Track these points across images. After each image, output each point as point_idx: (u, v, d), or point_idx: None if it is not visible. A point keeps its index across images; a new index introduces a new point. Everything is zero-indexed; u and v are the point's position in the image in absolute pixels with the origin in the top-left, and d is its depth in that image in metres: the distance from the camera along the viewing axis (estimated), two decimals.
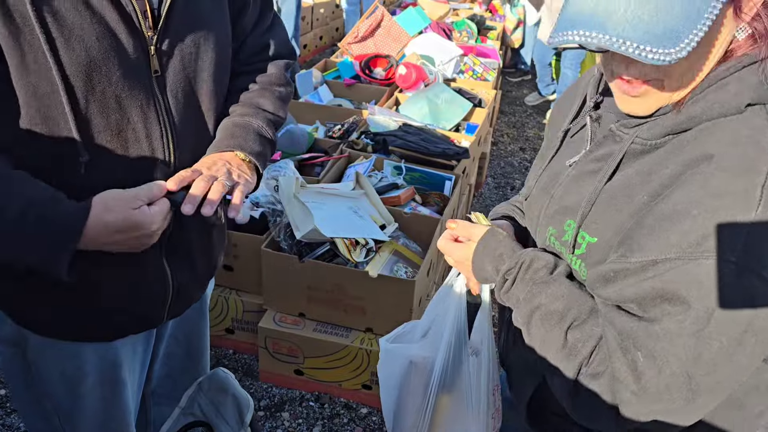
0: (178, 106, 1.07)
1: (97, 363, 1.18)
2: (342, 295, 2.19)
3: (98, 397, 1.20)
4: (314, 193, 2.32)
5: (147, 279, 1.14)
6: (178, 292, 1.20)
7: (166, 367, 1.40)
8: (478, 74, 4.20)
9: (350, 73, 3.99)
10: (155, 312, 1.20)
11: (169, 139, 1.06)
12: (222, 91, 1.17)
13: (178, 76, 1.06)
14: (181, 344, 1.39)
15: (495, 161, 4.46)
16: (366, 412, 2.26)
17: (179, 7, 1.03)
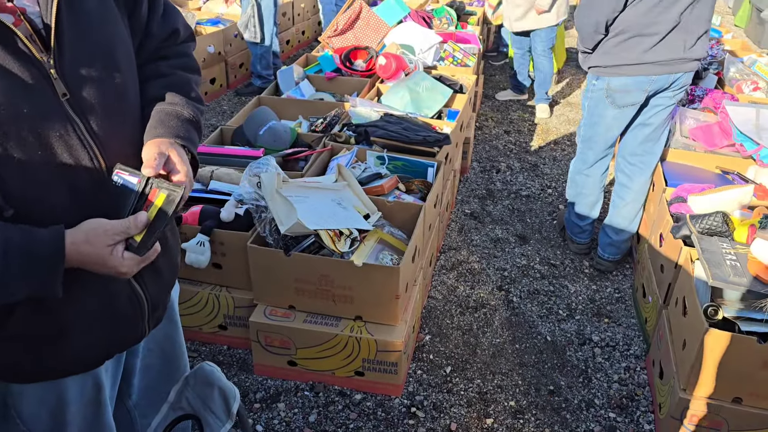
0: (99, 122, 1.04)
1: (78, 391, 1.19)
2: (329, 286, 2.23)
3: (82, 421, 1.22)
4: (297, 187, 2.37)
5: (120, 301, 1.15)
6: (152, 303, 1.22)
7: (145, 379, 1.42)
8: (459, 60, 4.22)
9: (331, 67, 4.01)
10: (137, 329, 1.21)
11: (98, 158, 1.04)
12: (137, 88, 1.15)
13: (90, 91, 1.02)
14: (156, 354, 1.41)
15: (480, 146, 4.50)
16: (360, 398, 2.31)
17: (67, 22, 0.98)
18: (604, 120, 2.86)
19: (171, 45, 1.24)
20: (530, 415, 2.29)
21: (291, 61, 6.03)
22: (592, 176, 3.05)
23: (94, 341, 1.14)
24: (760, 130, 2.99)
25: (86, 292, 1.09)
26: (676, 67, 2.67)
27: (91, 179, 1.04)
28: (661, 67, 2.67)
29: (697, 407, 2.03)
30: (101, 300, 1.12)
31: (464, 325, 2.72)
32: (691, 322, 2.06)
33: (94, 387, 1.22)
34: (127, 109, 1.12)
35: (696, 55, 2.67)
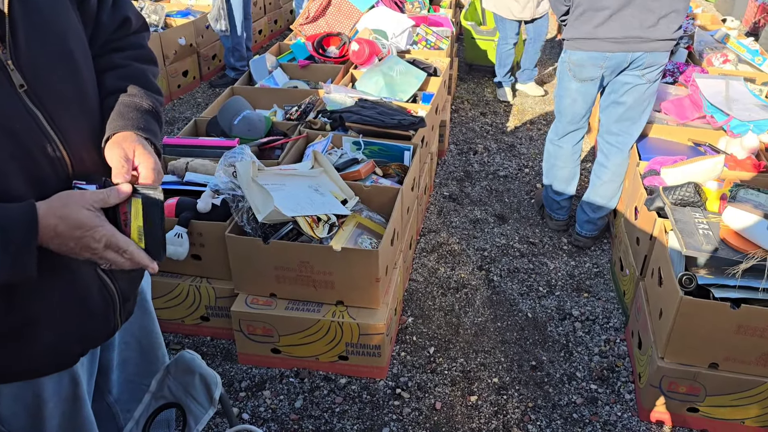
0: (58, 112, 1.02)
1: (55, 387, 1.18)
2: (310, 272, 2.23)
3: (60, 417, 1.21)
4: (273, 175, 2.36)
5: (91, 295, 1.14)
6: (123, 296, 1.21)
7: (123, 372, 1.41)
8: (432, 44, 4.22)
9: (304, 54, 3.99)
10: (107, 324, 1.20)
11: (60, 149, 1.02)
12: (93, 78, 1.14)
13: (47, 82, 1.00)
14: (133, 347, 1.41)
15: (456, 128, 4.51)
16: (345, 381, 2.32)
17: (19, 12, 0.97)
18: (569, 93, 2.91)
19: (124, 35, 1.22)
20: (513, 390, 2.32)
21: (264, 50, 5.98)
22: (563, 147, 3.09)
23: (66, 339, 1.13)
24: (729, 102, 3.03)
25: (56, 287, 1.08)
26: (632, 45, 2.66)
27: (54, 171, 1.02)
28: (615, 44, 2.67)
29: (674, 374, 2.07)
30: (72, 295, 1.10)
31: (446, 306, 2.75)
32: (666, 291, 2.09)
33: (71, 382, 1.21)
34: (86, 99, 1.10)
35: (659, 35, 2.64)
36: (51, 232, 0.95)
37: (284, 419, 2.19)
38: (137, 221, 1.03)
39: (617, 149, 2.93)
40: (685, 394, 2.10)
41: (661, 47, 2.67)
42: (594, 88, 2.85)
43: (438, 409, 2.23)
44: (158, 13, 5.09)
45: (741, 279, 1.95)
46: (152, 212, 1.03)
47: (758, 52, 4.00)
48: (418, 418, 2.20)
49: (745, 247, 2.01)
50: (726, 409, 2.10)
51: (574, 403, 2.27)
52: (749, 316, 1.92)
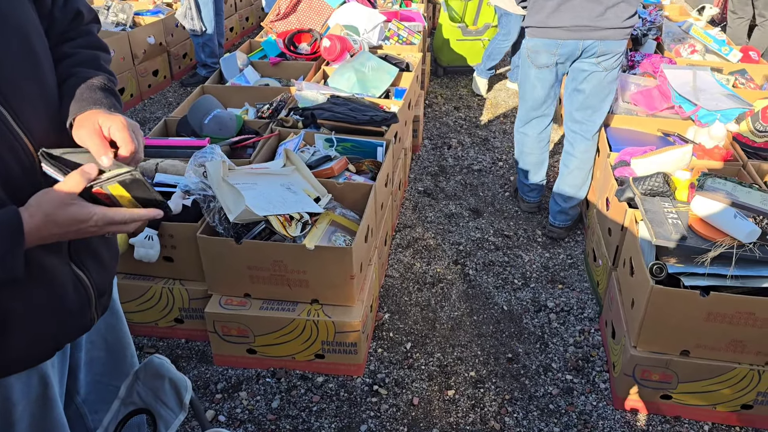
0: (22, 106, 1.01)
1: (23, 389, 1.16)
2: (283, 271, 2.22)
3: (30, 419, 1.19)
4: (244, 174, 2.33)
5: (63, 291, 1.12)
6: (98, 289, 1.20)
7: (91, 373, 1.40)
8: (404, 39, 4.21)
9: (275, 52, 3.96)
10: (83, 318, 1.19)
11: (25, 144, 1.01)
12: (53, 72, 1.13)
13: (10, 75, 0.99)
14: (99, 347, 1.39)
15: (430, 123, 4.51)
16: (322, 380, 2.31)
17: None
18: (529, 79, 3.00)
19: (75, 28, 1.21)
20: (490, 383, 2.33)
21: (235, 48, 5.93)
22: (528, 135, 3.16)
23: (42, 333, 1.12)
24: (697, 92, 3.08)
25: (32, 283, 1.06)
26: (583, 33, 2.73)
27: (20, 167, 1.01)
28: (566, 32, 2.75)
29: (647, 363, 2.10)
30: (48, 290, 1.10)
31: (422, 301, 2.75)
32: (638, 281, 2.12)
33: (40, 383, 1.19)
34: (48, 94, 1.09)
35: (608, 24, 2.70)
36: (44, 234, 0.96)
37: (261, 420, 2.17)
38: (125, 198, 1.01)
39: (581, 137, 3.00)
40: (658, 381, 2.13)
41: (612, 35, 2.73)
42: (551, 74, 2.92)
43: (415, 405, 2.24)
44: (126, 12, 5.01)
45: (710, 267, 1.98)
46: (135, 188, 1.01)
47: (725, 42, 4.06)
48: (396, 414, 2.20)
49: (713, 236, 2.03)
50: (698, 396, 2.13)
51: (550, 394, 2.29)
52: (718, 303, 1.95)
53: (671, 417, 2.19)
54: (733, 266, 1.96)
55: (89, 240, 1.18)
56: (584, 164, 3.03)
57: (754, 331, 1.98)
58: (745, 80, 3.72)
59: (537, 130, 3.14)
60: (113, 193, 1.00)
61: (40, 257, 1.06)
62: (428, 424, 2.17)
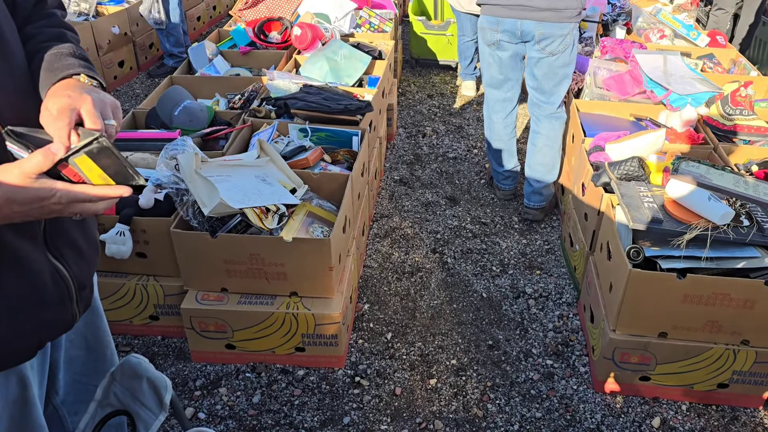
0: None
1: (2, 392, 1.12)
2: (261, 264, 2.18)
3: (9, 422, 1.15)
4: (217, 166, 2.28)
5: (41, 283, 1.08)
6: (78, 282, 1.17)
7: (69, 372, 1.35)
8: (375, 26, 4.17)
9: (245, 41, 3.88)
10: (66, 313, 1.15)
11: None
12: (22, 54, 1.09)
13: None
14: (78, 345, 1.35)
15: (404, 111, 4.49)
16: (303, 373, 2.29)
17: None
18: (484, 57, 3.09)
19: (38, 12, 1.18)
20: (472, 371, 2.34)
21: (203, 38, 5.81)
22: (494, 121, 3.21)
23: (21, 330, 1.07)
24: (668, 76, 3.10)
25: (8, 274, 1.02)
26: (519, 12, 2.79)
27: None
28: (504, 10, 2.83)
29: (626, 346, 2.12)
30: (23, 284, 1.05)
31: (402, 291, 2.74)
32: (615, 265, 2.13)
33: (19, 384, 1.15)
34: (17, 75, 1.05)
35: (543, 5, 2.74)
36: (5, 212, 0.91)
37: (242, 416, 2.14)
38: (95, 172, 0.95)
39: (545, 116, 3.06)
40: (637, 364, 2.15)
41: (549, 17, 2.77)
42: (503, 53, 2.98)
43: (398, 395, 2.23)
44: (88, 1, 4.86)
45: (685, 249, 2.00)
46: (104, 158, 0.95)
47: (692, 27, 4.11)
48: (379, 405, 2.19)
49: (688, 218, 2.05)
50: (676, 376, 2.16)
51: (532, 380, 2.30)
52: (694, 285, 1.97)
53: (650, 398, 2.22)
54: (708, 248, 1.98)
55: (66, 229, 1.14)
56: (551, 142, 3.07)
57: (729, 311, 2.01)
58: (713, 64, 3.77)
59: (502, 116, 3.18)
60: (82, 168, 0.94)
61: (11, 242, 1.01)
62: (411, 414, 2.16)
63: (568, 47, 2.83)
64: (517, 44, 2.91)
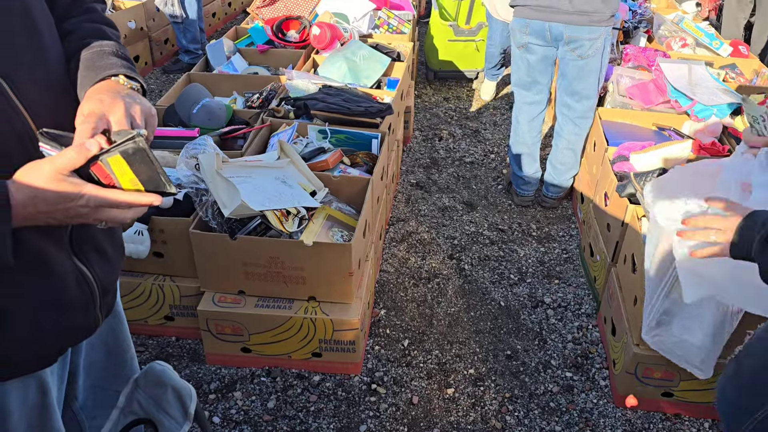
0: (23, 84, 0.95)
1: (20, 397, 1.10)
2: (280, 268, 2.15)
3: (26, 429, 1.12)
4: (238, 167, 2.25)
5: (65, 286, 1.06)
6: (102, 287, 1.14)
7: (90, 377, 1.33)
8: (394, 27, 4.13)
9: (263, 39, 3.85)
10: (88, 318, 1.13)
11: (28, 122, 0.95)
12: (59, 49, 1.07)
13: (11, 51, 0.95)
14: (99, 350, 1.32)
15: (420, 114, 4.45)
16: (319, 379, 2.26)
17: None
18: (515, 59, 3.09)
19: (77, 7, 1.15)
20: (490, 381, 2.30)
21: (219, 35, 5.79)
22: (520, 122, 3.21)
23: (44, 334, 1.05)
24: (693, 86, 3.06)
25: (32, 276, 1.00)
26: (547, 15, 2.78)
27: (18, 142, 0.94)
28: (533, 12, 2.82)
29: (650, 361, 2.07)
30: (47, 286, 1.03)
31: (418, 297, 2.70)
32: (640, 278, 2.09)
33: (38, 391, 1.12)
34: (51, 69, 1.03)
35: (570, 8, 2.72)
36: (30, 212, 0.87)
37: (257, 421, 2.11)
38: (126, 176, 0.91)
39: (569, 120, 3.08)
40: (660, 379, 2.11)
41: (576, 20, 2.75)
42: (531, 56, 2.97)
43: (415, 404, 2.19)
44: None
45: None
46: (138, 161, 0.91)
47: (714, 35, 4.06)
48: (396, 414, 2.15)
49: None
50: (700, 393, 2.12)
51: (551, 392, 2.26)
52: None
53: (672, 415, 2.18)
54: None
55: (93, 231, 1.11)
56: (572, 145, 3.14)
57: None
58: (735, 75, 3.72)
59: (527, 118, 3.18)
60: (114, 169, 0.91)
61: (34, 243, 0.98)
62: (429, 424, 2.13)
63: (598, 52, 2.82)
64: (546, 47, 2.91)
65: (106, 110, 0.95)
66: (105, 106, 0.95)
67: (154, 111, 1.02)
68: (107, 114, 0.94)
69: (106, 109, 0.95)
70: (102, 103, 0.96)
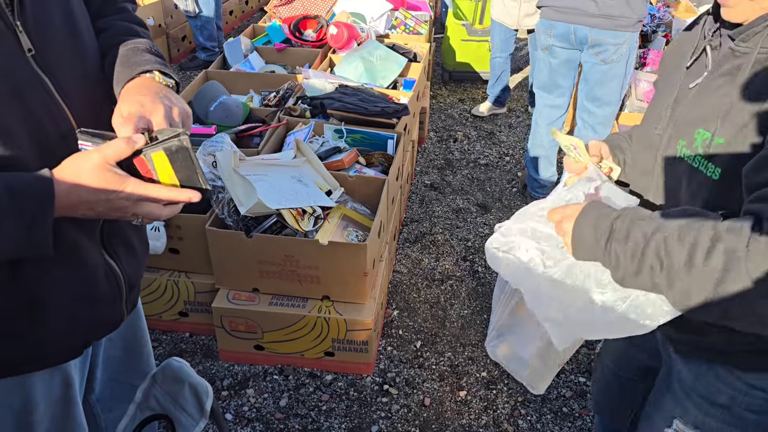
0: (64, 79, 0.98)
1: (45, 389, 1.11)
2: (294, 266, 2.15)
3: (50, 421, 1.14)
4: (254, 165, 2.26)
5: (95, 279, 1.07)
6: (129, 282, 1.16)
7: (107, 370, 1.34)
8: (411, 28, 4.13)
9: (280, 38, 3.86)
10: (114, 312, 1.14)
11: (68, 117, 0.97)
12: (95, 46, 1.10)
13: (53, 47, 0.97)
14: (117, 344, 1.33)
15: (435, 115, 4.45)
16: (331, 378, 2.26)
17: None
18: (536, 60, 3.12)
19: (110, 6, 1.18)
20: (502, 385, 2.29)
21: (236, 32, 5.82)
22: (539, 124, 3.20)
23: (73, 326, 1.06)
24: None
25: (67, 269, 1.01)
26: (572, 17, 2.76)
27: (59, 136, 0.96)
28: (557, 13, 2.81)
29: None
30: (79, 279, 1.04)
31: (431, 298, 2.70)
32: None
33: (62, 383, 1.14)
34: (89, 66, 1.06)
35: (596, 11, 2.70)
36: (73, 200, 0.88)
37: (269, 418, 2.11)
38: (166, 172, 0.93)
39: (589, 126, 3.05)
40: None
41: (602, 24, 2.73)
42: (554, 59, 2.96)
43: (427, 406, 2.19)
44: None
45: None
46: (179, 159, 0.92)
47: None
48: (407, 415, 2.15)
49: None
50: None
51: (564, 397, 2.25)
52: None
53: None
54: None
55: (122, 227, 1.13)
56: None
57: None
58: None
59: (547, 121, 3.17)
60: (156, 164, 0.92)
61: (69, 234, 1.00)
62: (440, 426, 2.12)
63: (623, 57, 2.80)
64: (570, 50, 2.90)
65: (146, 112, 0.96)
66: (146, 109, 0.97)
67: (191, 112, 1.03)
68: (147, 116, 0.96)
69: (146, 111, 0.96)
70: (143, 107, 0.97)
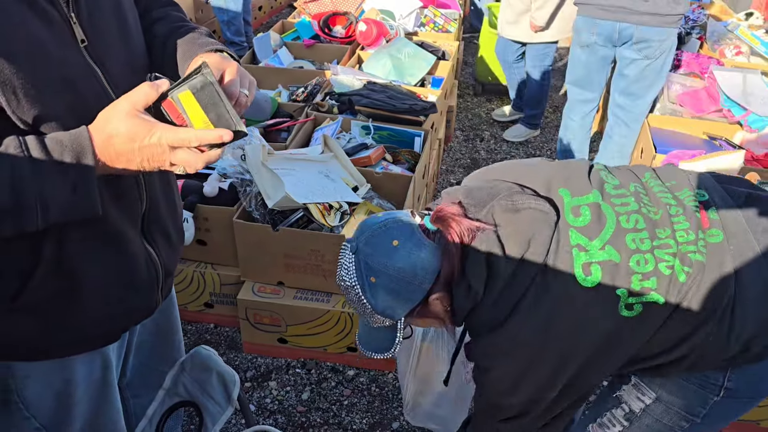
0: (114, 71, 1.00)
1: (86, 371, 1.15)
2: (320, 261, 2.16)
3: (88, 403, 1.17)
4: (282, 159, 2.28)
5: (136, 266, 1.10)
6: (165, 269, 1.18)
7: (138, 356, 1.37)
8: (440, 26, 4.12)
9: (309, 33, 3.88)
10: (151, 299, 1.17)
11: None
12: (142, 40, 1.13)
13: (104, 39, 1.00)
14: (150, 330, 1.36)
15: (462, 113, 4.43)
16: (353, 373, 2.27)
17: None
18: (573, 57, 3.08)
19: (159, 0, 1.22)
20: None
21: (265, 28, 5.85)
22: (573, 120, 3.21)
23: (112, 311, 1.09)
24: (747, 96, 2.97)
25: (108, 256, 1.04)
26: (619, 15, 2.73)
27: None
28: (603, 11, 2.78)
29: None
30: (122, 265, 1.07)
31: None
32: None
33: (102, 366, 1.17)
34: (136, 58, 1.09)
35: (646, 9, 2.67)
36: (110, 153, 0.87)
37: (291, 411, 2.13)
38: (198, 115, 0.91)
39: (622, 122, 3.05)
40: None
41: (649, 21, 2.71)
42: (594, 56, 2.96)
43: None
44: None
45: None
46: (206, 96, 0.90)
47: None
48: None
49: None
50: None
51: None
52: None
53: None
54: None
55: (161, 215, 1.15)
56: (622, 149, 3.10)
57: None
58: None
59: (579, 116, 3.20)
60: (185, 105, 0.90)
61: (114, 220, 1.03)
62: None
63: (663, 53, 2.81)
64: (609, 48, 2.89)
65: (221, 65, 1.00)
66: (221, 62, 1.01)
67: (255, 81, 1.07)
68: (223, 68, 1.00)
69: (222, 64, 1.01)
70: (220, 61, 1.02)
